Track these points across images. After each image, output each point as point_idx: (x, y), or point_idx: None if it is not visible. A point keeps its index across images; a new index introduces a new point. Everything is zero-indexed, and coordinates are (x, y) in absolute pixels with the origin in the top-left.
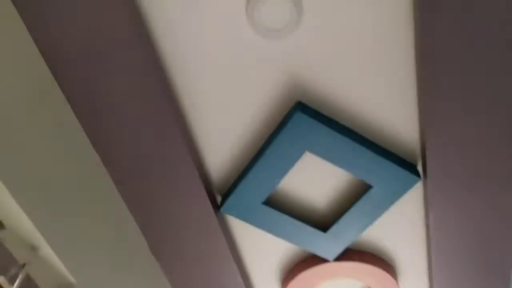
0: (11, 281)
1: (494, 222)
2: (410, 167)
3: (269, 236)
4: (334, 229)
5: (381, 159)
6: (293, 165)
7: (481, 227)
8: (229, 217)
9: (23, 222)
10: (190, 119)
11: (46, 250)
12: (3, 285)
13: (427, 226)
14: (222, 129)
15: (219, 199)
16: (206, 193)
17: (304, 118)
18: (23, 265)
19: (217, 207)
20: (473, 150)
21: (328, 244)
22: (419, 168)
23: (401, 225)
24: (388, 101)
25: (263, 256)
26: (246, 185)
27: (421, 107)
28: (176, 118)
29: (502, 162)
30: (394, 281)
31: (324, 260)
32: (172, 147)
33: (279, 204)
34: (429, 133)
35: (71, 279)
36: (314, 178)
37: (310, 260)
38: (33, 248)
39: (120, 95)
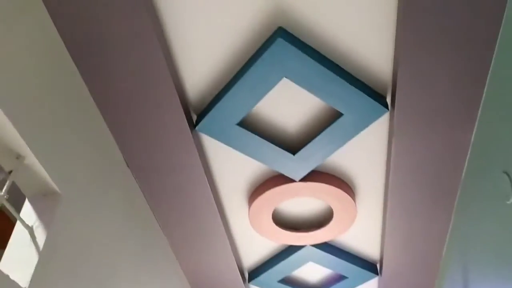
0: None
1: (449, 156)
2: (380, 98)
3: (240, 156)
4: (302, 152)
5: (354, 89)
6: (270, 89)
7: (437, 160)
8: (203, 135)
9: (8, 131)
10: (171, 39)
11: (31, 159)
12: None
13: (388, 155)
14: (202, 50)
15: (195, 118)
16: (183, 111)
17: (285, 44)
18: (10, 172)
19: (193, 125)
20: (440, 88)
21: (295, 165)
22: (388, 100)
23: (364, 152)
24: (367, 33)
25: (234, 173)
26: (222, 106)
27: (397, 41)
28: (157, 36)
29: (465, 100)
30: (352, 201)
31: (290, 180)
32: (152, 63)
33: (252, 126)
34: (401, 68)
35: (55, 187)
36: (289, 104)
37: (277, 179)
38: (19, 157)
39: (101, 5)
